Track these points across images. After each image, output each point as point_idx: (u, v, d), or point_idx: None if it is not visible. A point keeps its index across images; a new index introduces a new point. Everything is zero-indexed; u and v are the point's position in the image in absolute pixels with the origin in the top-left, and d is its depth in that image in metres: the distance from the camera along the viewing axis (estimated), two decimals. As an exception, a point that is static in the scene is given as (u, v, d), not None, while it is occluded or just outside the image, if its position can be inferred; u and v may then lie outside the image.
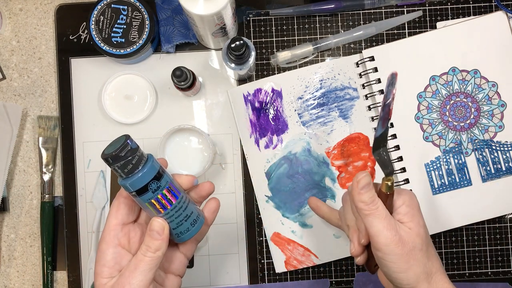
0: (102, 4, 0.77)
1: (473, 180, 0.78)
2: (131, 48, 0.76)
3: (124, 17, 0.76)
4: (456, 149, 0.78)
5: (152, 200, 0.53)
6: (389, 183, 0.56)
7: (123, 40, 0.76)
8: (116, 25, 0.77)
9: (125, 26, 0.76)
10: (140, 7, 0.76)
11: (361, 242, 0.58)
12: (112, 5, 0.77)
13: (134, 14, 0.76)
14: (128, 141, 0.52)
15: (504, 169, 0.78)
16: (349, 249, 0.78)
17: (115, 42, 0.76)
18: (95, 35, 0.76)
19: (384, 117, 0.58)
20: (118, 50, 0.77)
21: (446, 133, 0.78)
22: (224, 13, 0.67)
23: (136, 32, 0.76)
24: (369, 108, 0.79)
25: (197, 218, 0.57)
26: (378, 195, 0.56)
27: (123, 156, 0.51)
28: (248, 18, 0.81)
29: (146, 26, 0.76)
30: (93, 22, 0.77)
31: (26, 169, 0.81)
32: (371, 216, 0.54)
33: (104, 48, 0.76)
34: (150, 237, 0.54)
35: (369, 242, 0.58)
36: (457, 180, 0.78)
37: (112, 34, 0.77)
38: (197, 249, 0.79)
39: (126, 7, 0.76)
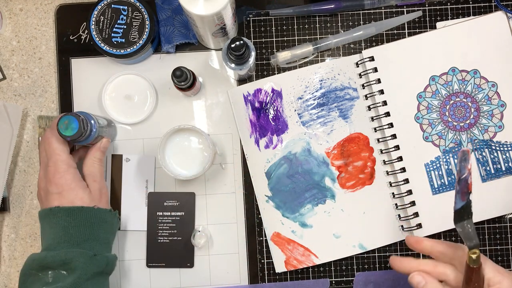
0: (102, 4, 0.77)
1: (473, 180, 0.78)
2: (131, 48, 0.77)
3: (124, 17, 0.77)
4: (456, 149, 0.78)
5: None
6: (474, 256, 0.54)
7: (123, 40, 0.77)
8: (116, 25, 0.77)
9: (125, 26, 0.77)
10: (140, 7, 0.76)
11: None
12: (112, 5, 0.77)
13: (134, 14, 0.76)
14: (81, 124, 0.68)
15: (504, 169, 0.78)
16: (348, 249, 0.79)
17: (115, 42, 0.77)
18: (95, 35, 0.77)
19: (463, 191, 0.58)
20: (118, 50, 0.77)
21: (446, 133, 0.78)
22: (224, 13, 0.68)
23: (136, 32, 0.76)
24: (369, 108, 0.79)
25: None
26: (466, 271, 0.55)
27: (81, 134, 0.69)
28: (248, 18, 0.81)
29: (146, 26, 0.76)
30: (93, 22, 0.77)
31: (26, 169, 0.81)
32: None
33: (104, 48, 0.77)
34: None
35: None
36: (457, 180, 0.78)
37: (112, 34, 0.77)
38: (197, 249, 0.80)
39: (126, 7, 0.76)
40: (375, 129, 0.79)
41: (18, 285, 0.68)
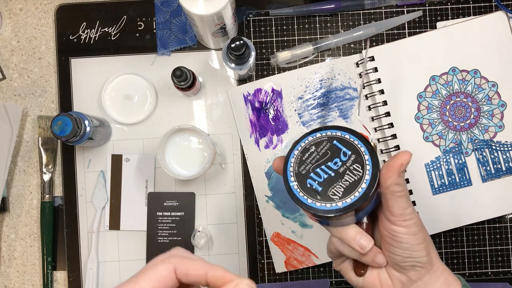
0: (323, 135, 0.52)
1: (473, 180, 0.78)
2: (324, 205, 0.50)
3: (339, 163, 0.51)
4: (456, 149, 0.78)
5: None
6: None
7: (320, 189, 0.50)
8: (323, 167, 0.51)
9: (332, 174, 0.50)
10: (366, 161, 0.50)
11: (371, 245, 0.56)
12: (334, 142, 0.52)
13: (354, 166, 0.50)
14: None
15: (504, 169, 0.78)
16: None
17: (308, 186, 0.51)
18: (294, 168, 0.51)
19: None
20: (306, 198, 0.51)
21: (446, 133, 0.78)
22: (224, 13, 0.68)
23: (342, 190, 0.50)
24: (369, 108, 0.79)
25: None
26: None
27: None
28: (248, 18, 0.81)
29: (360, 188, 0.50)
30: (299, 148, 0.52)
31: (26, 169, 0.81)
32: (403, 197, 0.52)
33: (292, 186, 0.51)
34: None
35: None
36: (457, 180, 0.78)
37: (312, 175, 0.51)
38: (197, 249, 0.80)
39: (349, 152, 0.51)
40: (375, 129, 0.79)
41: None
